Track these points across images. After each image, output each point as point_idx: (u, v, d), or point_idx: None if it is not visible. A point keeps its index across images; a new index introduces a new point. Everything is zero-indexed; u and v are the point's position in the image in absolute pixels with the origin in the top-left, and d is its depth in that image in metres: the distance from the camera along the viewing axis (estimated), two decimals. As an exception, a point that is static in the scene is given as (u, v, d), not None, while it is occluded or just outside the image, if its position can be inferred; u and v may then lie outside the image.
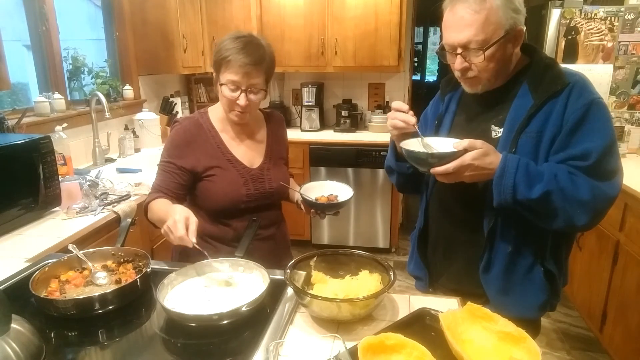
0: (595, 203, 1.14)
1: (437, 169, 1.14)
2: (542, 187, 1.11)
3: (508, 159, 1.14)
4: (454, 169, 1.12)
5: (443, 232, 1.42)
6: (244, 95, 1.39)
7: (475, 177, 1.16)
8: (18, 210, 1.72)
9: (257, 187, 1.51)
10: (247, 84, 1.38)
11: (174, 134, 1.52)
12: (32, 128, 2.35)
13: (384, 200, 3.67)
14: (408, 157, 1.21)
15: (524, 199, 1.13)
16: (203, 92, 4.13)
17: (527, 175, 1.13)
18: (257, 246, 1.49)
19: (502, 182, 1.14)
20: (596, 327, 2.56)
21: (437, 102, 1.47)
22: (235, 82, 1.37)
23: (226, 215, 1.50)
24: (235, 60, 1.35)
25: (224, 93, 1.40)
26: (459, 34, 1.15)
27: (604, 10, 2.94)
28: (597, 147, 1.13)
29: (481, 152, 1.13)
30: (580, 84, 1.18)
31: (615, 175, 1.17)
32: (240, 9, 3.66)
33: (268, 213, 1.57)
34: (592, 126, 1.14)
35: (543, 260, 1.27)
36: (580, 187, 1.12)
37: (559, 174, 1.13)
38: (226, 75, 1.38)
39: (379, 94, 4.16)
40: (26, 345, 0.90)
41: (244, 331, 1.04)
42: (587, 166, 1.13)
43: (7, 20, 2.53)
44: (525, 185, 1.12)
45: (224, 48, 1.38)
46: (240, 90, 1.38)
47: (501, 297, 1.29)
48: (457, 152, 1.13)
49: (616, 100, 3.05)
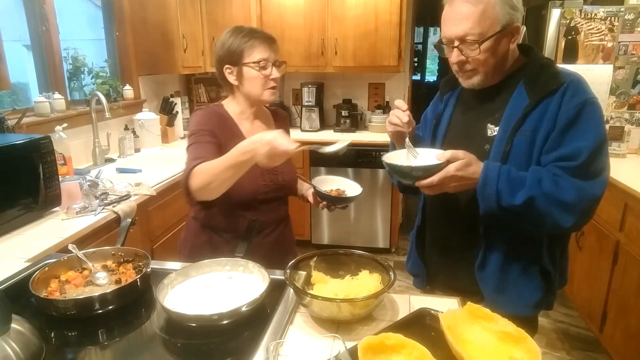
0: (581, 204, 1.14)
1: (422, 182, 1.15)
2: (525, 193, 1.13)
3: (489, 167, 1.16)
4: (438, 181, 1.14)
5: (440, 231, 1.43)
6: (275, 69, 1.48)
7: (460, 187, 1.18)
8: (18, 210, 1.72)
9: (272, 179, 1.54)
10: (274, 58, 1.48)
11: (201, 114, 1.52)
12: (32, 128, 2.35)
13: (384, 200, 3.67)
14: (391, 171, 1.22)
15: (508, 206, 1.15)
16: (203, 92, 4.13)
17: (509, 182, 1.14)
18: (266, 241, 1.54)
19: (485, 191, 1.16)
20: (596, 327, 2.56)
21: (436, 102, 1.49)
22: (265, 58, 1.46)
23: (242, 207, 1.52)
24: (258, 40, 1.46)
25: (255, 74, 1.46)
26: (457, 27, 1.18)
27: (604, 10, 2.94)
28: (588, 146, 1.14)
29: (464, 162, 1.14)
30: (575, 84, 1.19)
31: (602, 174, 1.17)
32: (240, 9, 3.66)
33: (279, 208, 1.61)
34: (585, 126, 1.15)
35: (539, 258, 1.28)
36: (564, 190, 1.13)
37: (543, 179, 1.14)
38: (254, 55, 1.45)
39: (379, 94, 4.16)
40: (26, 345, 0.90)
41: (244, 331, 1.04)
42: (576, 165, 1.14)
43: (7, 20, 2.53)
44: (508, 192, 1.14)
45: (237, 38, 1.46)
46: (270, 64, 1.47)
47: (496, 295, 1.29)
48: (440, 164, 1.14)
49: (616, 100, 3.05)
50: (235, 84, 1.51)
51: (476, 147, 1.28)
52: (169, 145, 3.46)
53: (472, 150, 1.28)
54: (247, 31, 1.48)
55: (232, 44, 1.46)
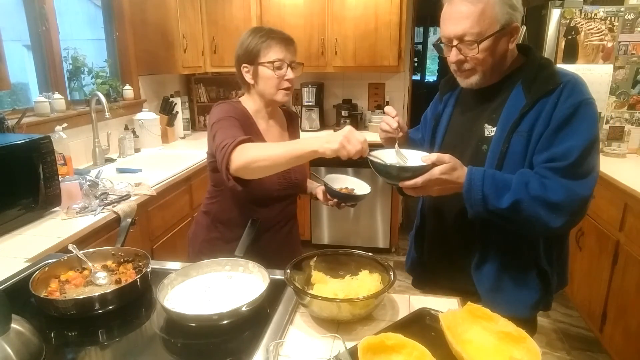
0: (570, 204, 1.14)
1: (405, 183, 1.15)
2: (511, 197, 1.13)
3: (473, 172, 1.16)
4: (422, 183, 1.14)
5: (438, 230, 1.43)
6: (290, 69, 1.50)
7: (444, 191, 1.18)
8: (18, 210, 1.72)
9: (286, 177, 1.58)
10: (290, 59, 1.50)
11: (225, 106, 1.51)
12: (32, 128, 2.35)
13: (384, 200, 3.68)
14: (376, 170, 1.21)
15: (495, 209, 1.15)
16: (203, 92, 4.13)
17: (495, 186, 1.14)
18: (276, 239, 1.58)
19: (471, 196, 1.16)
20: (596, 327, 2.56)
21: (436, 103, 1.50)
22: (281, 59, 1.48)
23: (256, 203, 1.55)
24: (275, 40, 1.48)
25: (270, 74, 1.48)
26: (455, 26, 1.18)
27: (604, 10, 2.94)
28: (579, 145, 1.14)
29: (449, 166, 1.14)
30: (572, 84, 1.19)
31: (591, 174, 1.17)
32: (240, 9, 3.66)
33: (289, 206, 1.66)
34: (578, 126, 1.15)
35: (536, 258, 1.27)
36: (552, 191, 1.13)
37: (530, 182, 1.14)
38: (270, 55, 1.47)
39: (379, 94, 4.16)
40: (26, 345, 0.90)
41: (244, 331, 1.04)
42: (566, 165, 1.13)
43: (7, 20, 2.52)
44: (494, 196, 1.14)
45: (255, 38, 1.48)
46: (286, 65, 1.49)
47: (493, 295, 1.29)
48: (425, 166, 1.14)
49: (616, 100, 3.05)
50: (251, 83, 1.53)
51: (474, 147, 1.28)
52: (169, 145, 3.47)
53: (470, 151, 1.28)
54: (265, 31, 1.50)
55: (249, 44, 1.49)
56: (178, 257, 1.44)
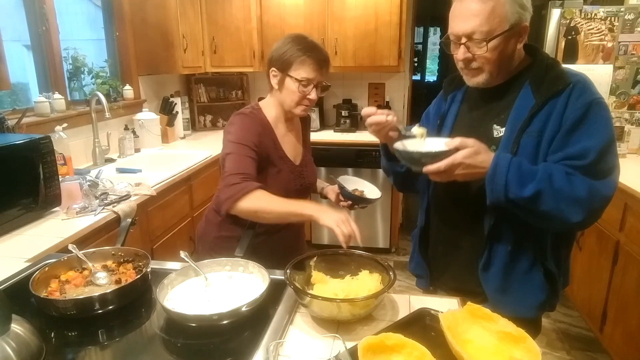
0: (591, 202, 1.13)
1: (429, 167, 1.14)
2: (535, 186, 1.11)
3: (500, 157, 1.14)
4: (445, 167, 1.13)
5: (444, 231, 1.42)
6: (314, 91, 1.50)
7: (468, 176, 1.16)
8: (18, 210, 1.72)
9: (301, 182, 1.62)
10: (319, 80, 1.50)
11: (247, 121, 1.53)
12: (32, 128, 2.35)
13: (384, 200, 3.66)
14: (400, 157, 1.21)
15: (516, 198, 1.13)
16: (203, 92, 4.13)
17: (520, 174, 1.13)
18: (285, 239, 1.61)
19: (494, 181, 1.14)
20: (596, 327, 2.56)
21: (439, 101, 1.48)
22: (310, 79, 1.47)
23: None
24: (311, 59, 1.46)
25: (295, 89, 1.48)
26: (465, 24, 1.17)
27: (604, 10, 2.94)
28: (596, 145, 1.13)
29: (473, 150, 1.13)
30: (582, 84, 1.18)
31: (611, 174, 1.16)
32: (240, 9, 3.66)
33: None
34: (592, 126, 1.14)
35: (543, 260, 1.27)
36: (576, 186, 1.12)
37: (554, 174, 1.13)
38: (300, 72, 1.47)
39: (379, 94, 4.16)
40: (26, 345, 0.90)
41: (244, 331, 1.04)
42: (584, 165, 1.13)
43: (7, 20, 2.53)
44: (518, 184, 1.12)
45: (292, 48, 1.47)
46: (312, 85, 1.49)
47: (499, 296, 1.29)
48: (449, 150, 1.13)
49: (616, 100, 3.05)
50: (275, 88, 1.54)
51: None
52: (169, 145, 3.46)
53: None
54: (304, 45, 1.48)
55: (286, 52, 1.47)
56: (178, 257, 1.43)
